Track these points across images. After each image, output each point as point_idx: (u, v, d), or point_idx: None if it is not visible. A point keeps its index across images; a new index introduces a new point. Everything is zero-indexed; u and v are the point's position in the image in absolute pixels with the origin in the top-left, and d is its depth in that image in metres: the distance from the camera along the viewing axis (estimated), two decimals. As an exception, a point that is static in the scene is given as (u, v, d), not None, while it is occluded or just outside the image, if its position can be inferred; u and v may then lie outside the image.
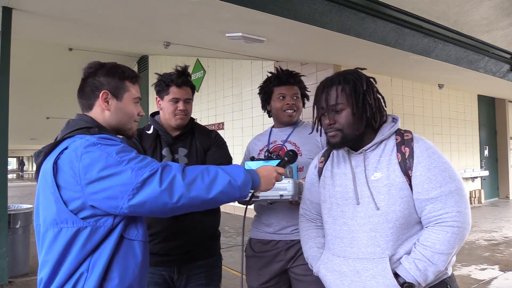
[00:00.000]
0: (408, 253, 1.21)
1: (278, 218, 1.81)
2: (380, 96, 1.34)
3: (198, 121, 1.91)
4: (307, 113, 1.72)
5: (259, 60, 7.69)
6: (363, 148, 1.30)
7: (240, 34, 5.24)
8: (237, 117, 8.58)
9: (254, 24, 4.84)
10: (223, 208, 1.85)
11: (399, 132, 1.30)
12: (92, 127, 1.21)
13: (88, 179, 1.08)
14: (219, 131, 2.41)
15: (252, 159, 1.75)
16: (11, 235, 4.18)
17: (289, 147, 1.88)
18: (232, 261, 4.44)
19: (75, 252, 1.09)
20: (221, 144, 1.86)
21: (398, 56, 5.12)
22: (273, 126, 2.02)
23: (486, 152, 10.32)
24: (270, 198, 1.56)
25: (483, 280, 3.99)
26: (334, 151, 1.43)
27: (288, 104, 1.89)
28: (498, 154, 10.72)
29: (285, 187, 1.54)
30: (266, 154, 1.77)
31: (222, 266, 1.90)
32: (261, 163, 1.66)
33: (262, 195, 1.54)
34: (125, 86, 1.31)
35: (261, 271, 1.82)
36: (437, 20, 4.76)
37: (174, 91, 1.76)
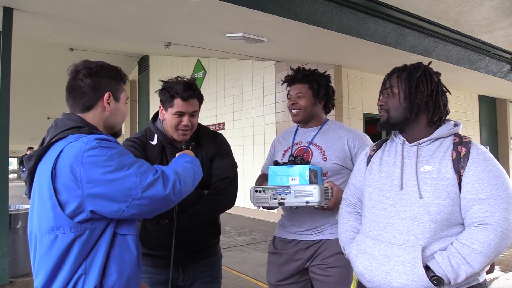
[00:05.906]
0: (443, 250, 1.17)
1: (300, 221, 1.83)
2: (440, 91, 1.33)
3: (199, 122, 1.87)
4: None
5: (260, 60, 7.69)
6: (418, 141, 1.30)
7: (240, 34, 5.24)
8: (238, 117, 8.58)
9: (255, 24, 4.84)
10: (224, 208, 1.85)
11: (458, 135, 1.30)
12: (82, 127, 1.18)
13: (91, 183, 1.06)
14: (219, 131, 2.38)
15: (276, 163, 1.71)
16: (12, 235, 4.18)
17: (314, 149, 1.85)
18: (232, 261, 4.43)
19: (73, 257, 1.08)
20: (226, 152, 1.79)
21: (399, 56, 5.11)
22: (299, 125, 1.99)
23: (487, 153, 10.30)
24: (296, 205, 1.57)
25: (484, 280, 3.98)
26: (388, 141, 1.43)
27: (290, 103, 1.89)
28: (499, 154, 10.69)
29: (311, 194, 1.52)
30: (290, 158, 1.72)
31: (222, 266, 1.93)
32: (284, 168, 1.64)
33: (288, 201, 1.55)
34: (121, 87, 1.31)
35: (280, 268, 1.85)
36: (438, 20, 4.76)
37: (178, 104, 1.61)
